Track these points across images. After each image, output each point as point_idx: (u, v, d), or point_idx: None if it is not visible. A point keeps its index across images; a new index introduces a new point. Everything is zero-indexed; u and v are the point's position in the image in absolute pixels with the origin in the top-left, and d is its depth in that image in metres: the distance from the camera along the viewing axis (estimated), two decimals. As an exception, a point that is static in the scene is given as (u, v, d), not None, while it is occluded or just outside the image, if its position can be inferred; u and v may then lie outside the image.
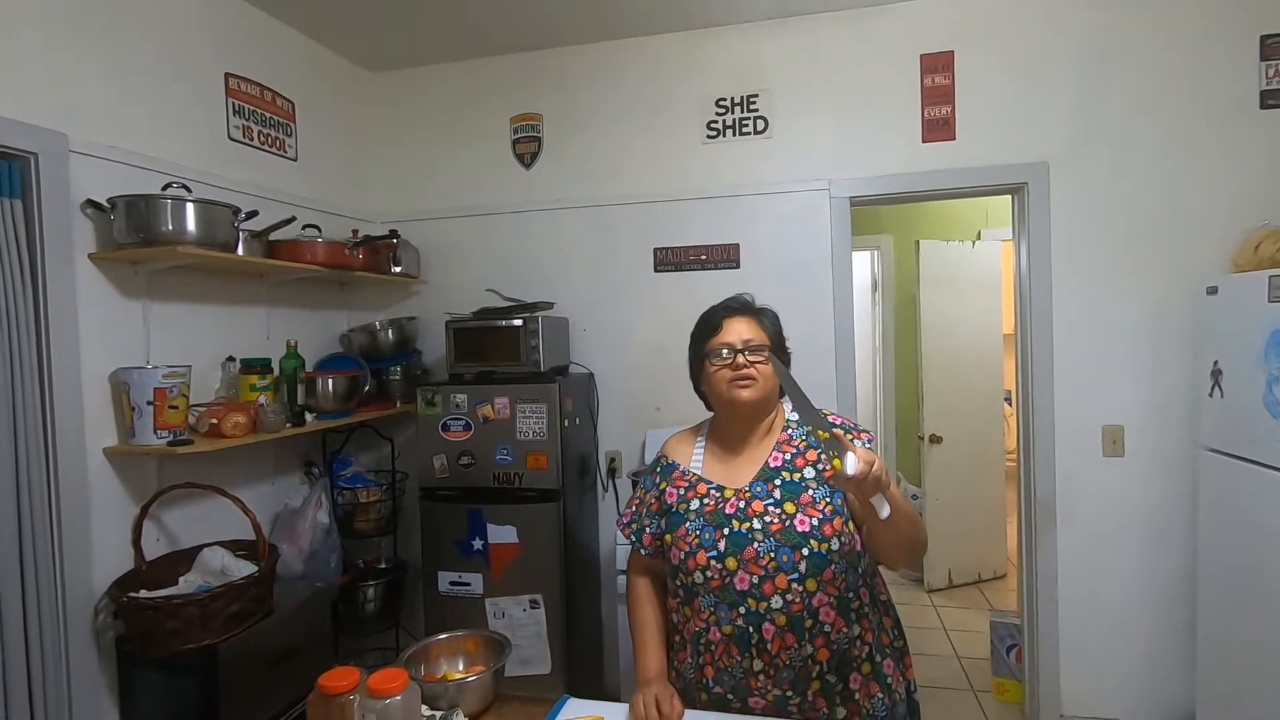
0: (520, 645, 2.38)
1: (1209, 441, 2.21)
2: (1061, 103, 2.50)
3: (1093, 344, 2.51)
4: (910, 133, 2.62)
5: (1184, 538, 2.43)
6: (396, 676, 1.07)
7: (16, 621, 1.61)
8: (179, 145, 2.13)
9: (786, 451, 1.35)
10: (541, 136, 2.94)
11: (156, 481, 1.99)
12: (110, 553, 1.87)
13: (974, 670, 3.10)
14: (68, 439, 1.76)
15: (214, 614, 1.75)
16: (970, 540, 4.02)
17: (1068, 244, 2.52)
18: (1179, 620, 2.46)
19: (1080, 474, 2.53)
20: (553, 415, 2.44)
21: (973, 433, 3.98)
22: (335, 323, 2.87)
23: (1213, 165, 2.40)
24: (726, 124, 2.77)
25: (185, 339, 2.13)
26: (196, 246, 1.90)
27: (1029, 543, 2.64)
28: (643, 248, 2.84)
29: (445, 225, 3.02)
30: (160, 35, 2.08)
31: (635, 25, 2.74)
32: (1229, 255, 2.32)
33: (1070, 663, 2.56)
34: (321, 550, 2.39)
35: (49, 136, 1.74)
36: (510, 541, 2.45)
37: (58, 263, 1.74)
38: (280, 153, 2.56)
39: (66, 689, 1.74)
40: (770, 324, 1.41)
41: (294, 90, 2.62)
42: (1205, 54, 2.39)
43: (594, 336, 2.89)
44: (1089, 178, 2.49)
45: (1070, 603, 2.55)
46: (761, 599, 1.23)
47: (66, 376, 1.76)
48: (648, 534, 1.43)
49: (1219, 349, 2.16)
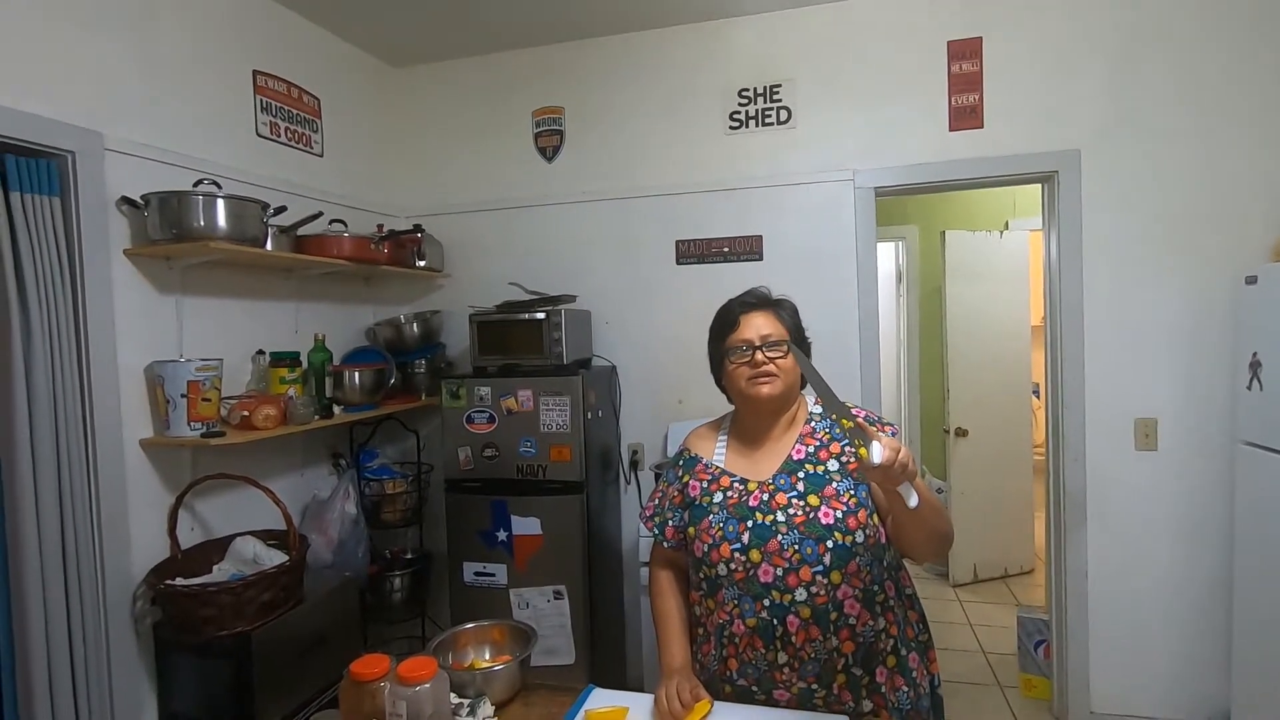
0: (544, 635, 2.40)
1: (1247, 435, 2.16)
2: (1093, 89, 2.44)
3: (1125, 335, 2.46)
4: (937, 121, 2.58)
5: (1219, 533, 2.37)
6: (426, 665, 1.09)
7: (59, 608, 1.67)
8: (209, 142, 2.17)
9: (810, 444, 1.34)
10: (563, 129, 2.95)
11: (190, 472, 2.03)
12: (147, 541, 1.92)
13: (1000, 665, 3.07)
14: (106, 431, 1.81)
15: (247, 602, 1.79)
16: (997, 535, 3.97)
17: (1099, 233, 2.47)
18: (1214, 618, 2.40)
19: (1112, 468, 2.49)
20: (576, 408, 2.45)
21: (999, 426, 3.91)
22: (361, 316, 2.91)
23: (1251, 152, 2.33)
24: (749, 115, 2.75)
25: (217, 332, 2.17)
26: (227, 242, 1.93)
27: (1058, 538, 2.60)
28: (665, 240, 2.84)
29: (468, 219, 3.04)
30: (191, 35, 2.12)
31: (656, 17, 2.72)
32: (1269, 244, 2.25)
33: (1100, 660, 2.52)
34: (349, 540, 2.43)
35: (85, 135, 1.78)
36: (534, 533, 2.47)
37: (95, 258, 1.79)
38: (307, 149, 2.59)
39: (108, 673, 1.79)
40: (789, 316, 1.39)
41: (320, 87, 2.65)
42: (1242, 37, 2.32)
43: (616, 329, 2.90)
44: (1122, 165, 2.43)
45: (1101, 599, 2.51)
46: (786, 591, 1.23)
47: (104, 370, 1.81)
48: (670, 527, 1.43)
49: (1258, 340, 2.10)
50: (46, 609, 1.64)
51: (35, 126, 1.67)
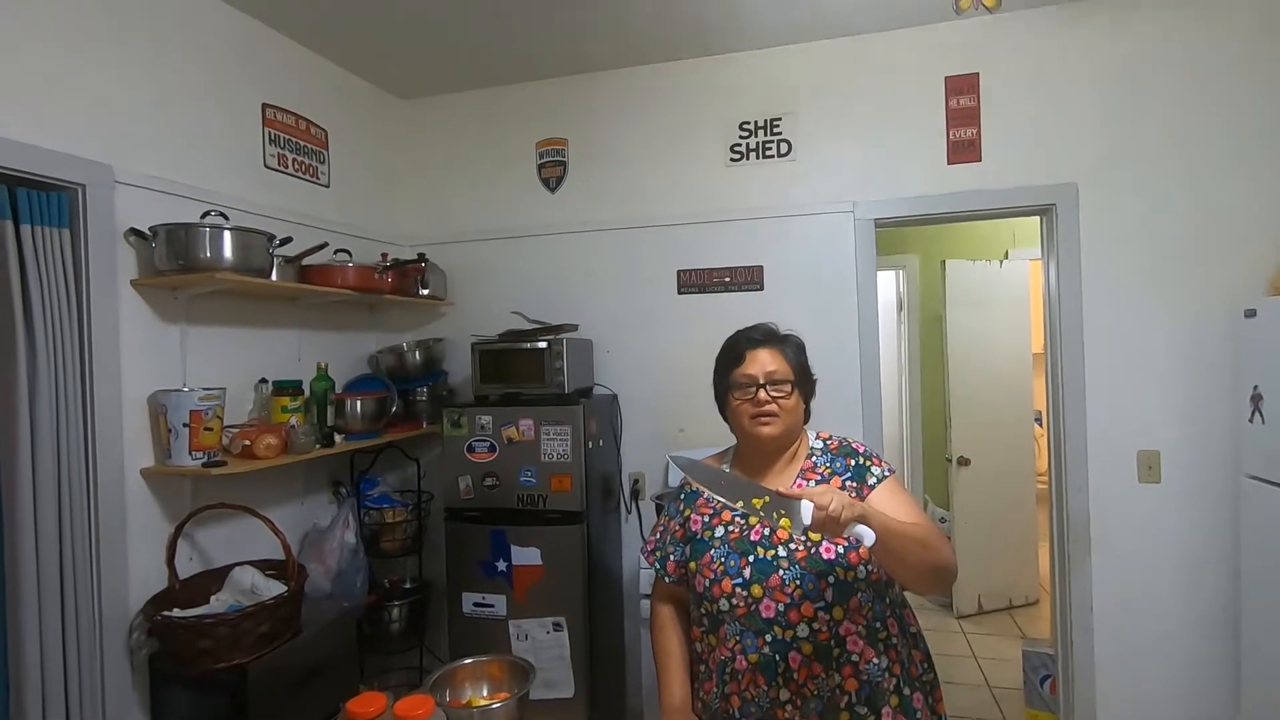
0: (543, 668, 2.37)
1: (1250, 469, 2.15)
2: (1089, 123, 2.48)
3: (1126, 366, 2.46)
4: (935, 154, 2.61)
5: (1225, 566, 2.35)
6: (423, 703, 1.08)
7: (55, 637, 1.65)
8: (218, 174, 2.20)
9: (811, 479, 1.34)
10: (567, 161, 2.99)
11: (190, 502, 2.03)
12: (145, 571, 1.91)
13: (1006, 700, 3.02)
14: (108, 460, 1.81)
15: (244, 633, 1.78)
16: (1001, 565, 3.93)
17: (1098, 265, 2.48)
18: (1220, 651, 2.37)
19: (1115, 499, 2.47)
20: (577, 437, 2.45)
21: (1002, 454, 3.90)
22: (364, 344, 2.92)
23: (1247, 184, 2.35)
24: (750, 147, 2.79)
25: (220, 361, 2.18)
26: (233, 272, 1.95)
27: (1062, 569, 2.58)
28: (667, 270, 2.86)
29: (472, 248, 3.07)
30: (200, 69, 2.16)
31: (659, 51, 2.77)
32: (1266, 277, 2.27)
33: (1107, 694, 2.48)
34: (348, 570, 2.41)
35: (95, 169, 1.81)
36: (534, 563, 2.45)
37: (102, 290, 1.81)
38: (313, 179, 2.63)
39: (101, 704, 1.77)
40: (794, 354, 1.39)
41: (327, 118, 2.69)
42: (1236, 71, 2.36)
43: (618, 358, 2.91)
44: (1119, 198, 2.46)
45: (1106, 633, 2.48)
46: (788, 627, 1.22)
47: (108, 399, 1.81)
48: (671, 561, 1.42)
49: (1259, 373, 2.11)
50: (42, 638, 1.63)
51: (46, 160, 1.69)
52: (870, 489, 1.32)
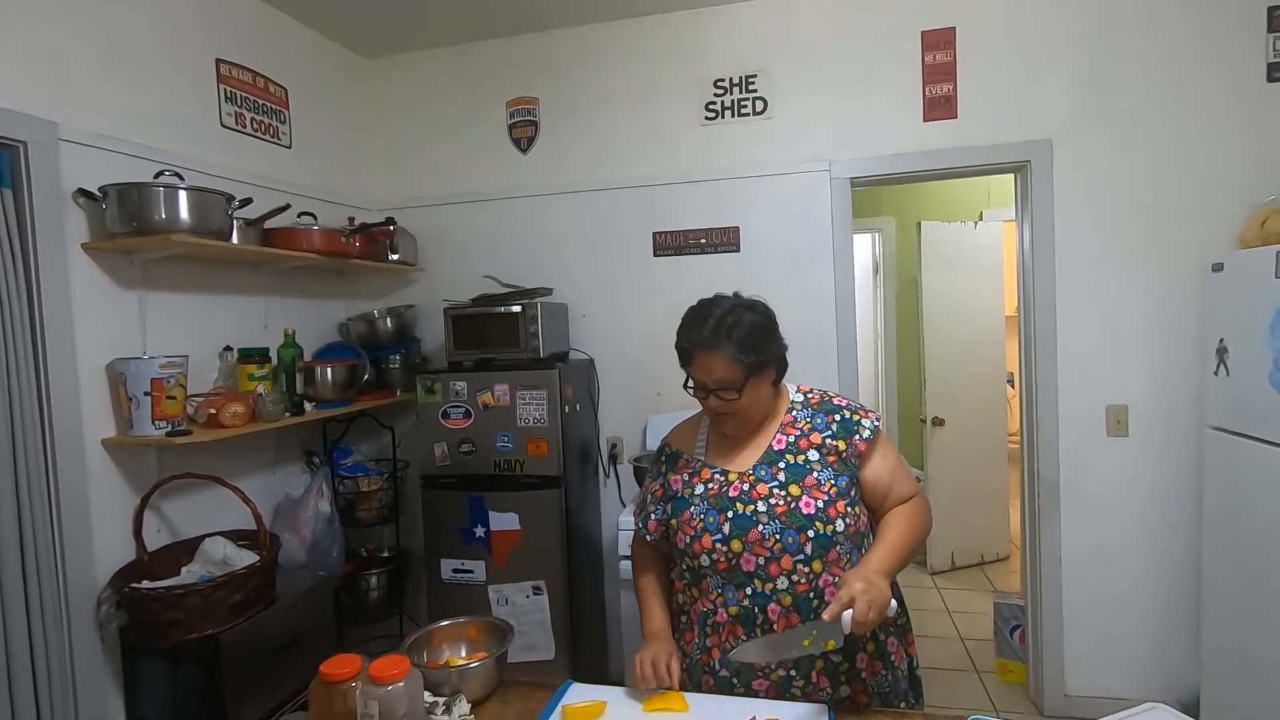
0: (524, 631, 2.38)
1: (1214, 420, 2.19)
2: (1065, 79, 2.46)
3: (1096, 323, 2.49)
4: (911, 111, 2.58)
5: (1190, 517, 2.42)
6: (398, 663, 1.06)
7: (19, 614, 1.61)
8: (170, 133, 2.10)
9: (791, 434, 1.34)
10: (538, 120, 2.91)
11: (156, 472, 1.97)
12: (112, 544, 1.86)
13: (977, 651, 3.11)
14: (65, 431, 1.75)
15: (216, 604, 1.75)
16: (973, 523, 4.02)
17: (1071, 222, 2.49)
18: (1185, 600, 2.45)
19: (1084, 454, 2.52)
20: (553, 402, 2.42)
21: (975, 415, 3.96)
22: (333, 311, 2.85)
23: (1219, 140, 2.36)
24: (725, 105, 2.73)
25: (182, 329, 2.11)
26: (190, 235, 1.87)
27: (1032, 525, 2.63)
28: (642, 232, 2.82)
29: (442, 212, 2.99)
30: (148, 21, 2.05)
31: (632, 6, 2.69)
32: (1236, 232, 2.29)
33: (1074, 643, 2.56)
34: (324, 539, 2.38)
35: (38, 125, 1.71)
36: (512, 528, 2.44)
37: (50, 253, 1.72)
38: (274, 140, 2.53)
39: (71, 680, 1.74)
40: (744, 350, 1.24)
41: (288, 77, 2.58)
42: (1212, 26, 2.35)
43: (593, 322, 2.87)
44: (1093, 155, 2.46)
45: (1074, 584, 2.55)
46: (767, 580, 1.23)
47: (62, 368, 1.75)
48: (653, 520, 1.42)
49: (1224, 326, 2.14)
50: (5, 614, 1.59)
51: (-16, 115, 1.60)
52: (865, 444, 1.32)
